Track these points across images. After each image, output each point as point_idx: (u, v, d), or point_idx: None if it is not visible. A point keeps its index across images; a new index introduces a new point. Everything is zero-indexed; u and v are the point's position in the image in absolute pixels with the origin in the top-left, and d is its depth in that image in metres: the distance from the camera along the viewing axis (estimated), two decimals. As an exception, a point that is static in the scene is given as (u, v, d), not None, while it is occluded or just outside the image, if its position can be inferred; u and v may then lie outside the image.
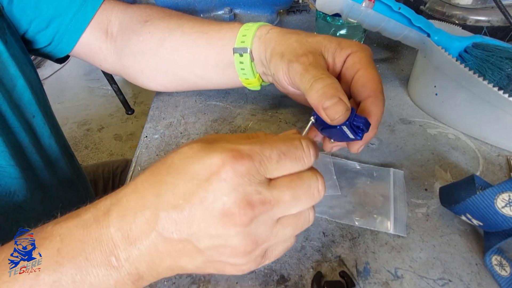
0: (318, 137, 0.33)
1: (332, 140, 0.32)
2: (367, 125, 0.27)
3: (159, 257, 0.22)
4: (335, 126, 0.27)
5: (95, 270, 0.22)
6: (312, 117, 0.29)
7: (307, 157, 0.23)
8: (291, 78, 0.30)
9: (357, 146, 0.30)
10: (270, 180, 0.22)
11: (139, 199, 0.22)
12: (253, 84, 0.38)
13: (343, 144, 0.32)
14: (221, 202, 0.20)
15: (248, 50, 0.35)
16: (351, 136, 0.28)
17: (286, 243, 0.25)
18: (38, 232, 0.23)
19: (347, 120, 0.27)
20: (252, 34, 0.35)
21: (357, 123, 0.27)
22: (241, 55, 0.35)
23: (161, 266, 0.22)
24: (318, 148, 0.24)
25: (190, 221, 0.21)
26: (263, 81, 0.38)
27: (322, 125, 0.28)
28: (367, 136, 0.30)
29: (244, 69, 0.36)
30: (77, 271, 0.22)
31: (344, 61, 0.31)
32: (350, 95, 0.31)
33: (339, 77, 0.32)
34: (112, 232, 0.22)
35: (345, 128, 0.27)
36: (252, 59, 0.35)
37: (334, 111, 0.25)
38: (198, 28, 0.39)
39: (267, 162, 0.21)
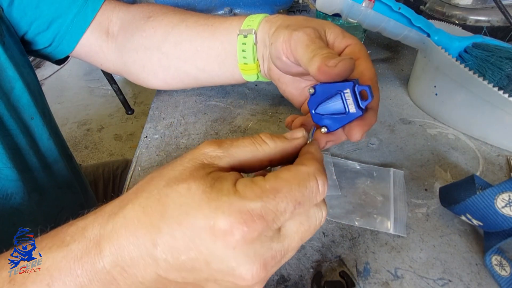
0: (324, 141, 0.29)
1: (326, 129, 0.27)
2: (372, 94, 0.24)
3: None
4: (334, 94, 0.24)
5: None
6: (323, 127, 0.26)
7: (322, 195, 0.21)
8: (292, 46, 0.29)
9: (358, 131, 0.26)
10: (280, 228, 0.20)
11: (133, 240, 0.20)
12: (251, 72, 0.38)
13: (338, 137, 0.28)
14: (232, 269, 0.19)
15: (253, 31, 0.35)
16: (352, 109, 0.24)
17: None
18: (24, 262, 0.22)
19: (350, 81, 0.24)
20: (260, 19, 0.36)
21: (362, 86, 0.24)
22: (245, 37, 0.35)
23: None
24: (325, 175, 0.22)
25: (197, 279, 0.20)
26: (260, 71, 0.38)
27: (317, 104, 0.26)
28: (368, 120, 0.26)
29: (245, 50, 0.36)
30: None
31: (343, 50, 0.31)
32: None
33: None
34: (108, 267, 0.20)
35: (347, 95, 0.24)
36: (255, 42, 0.35)
37: (341, 63, 0.24)
38: (202, 21, 0.40)
39: (281, 216, 0.19)
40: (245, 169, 0.23)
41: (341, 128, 0.27)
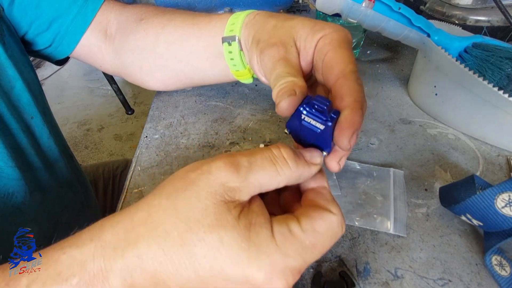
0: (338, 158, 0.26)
1: (325, 152, 0.25)
2: (334, 110, 0.22)
3: None
4: (299, 124, 0.23)
5: None
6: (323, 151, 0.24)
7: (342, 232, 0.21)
8: (263, 69, 0.28)
9: (344, 137, 0.21)
10: None
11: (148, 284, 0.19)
12: (244, 77, 0.37)
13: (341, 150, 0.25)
14: None
15: (237, 38, 0.33)
16: (320, 126, 0.22)
17: None
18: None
19: (301, 104, 0.22)
20: (241, 21, 0.34)
21: (317, 102, 0.22)
22: (229, 44, 0.34)
23: None
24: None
25: None
26: (254, 73, 0.37)
27: (300, 139, 0.24)
28: (349, 122, 0.22)
29: (233, 59, 0.35)
30: None
31: (315, 46, 0.27)
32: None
33: (312, 65, 0.29)
34: None
35: (307, 119, 0.22)
36: (240, 48, 0.34)
37: (283, 100, 0.22)
38: (189, 20, 0.39)
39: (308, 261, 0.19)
40: (262, 191, 0.21)
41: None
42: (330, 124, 0.22)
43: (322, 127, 0.22)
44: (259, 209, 0.20)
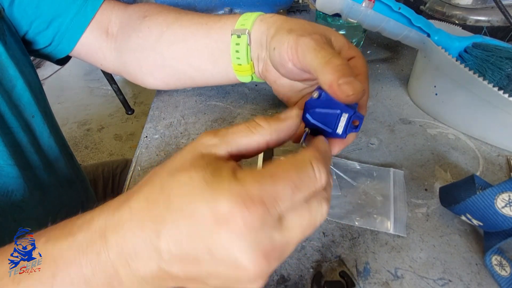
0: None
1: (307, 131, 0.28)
2: (360, 125, 0.26)
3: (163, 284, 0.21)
4: (334, 109, 0.25)
5: None
6: (305, 128, 0.27)
7: (319, 184, 0.21)
8: (299, 52, 0.28)
9: (338, 148, 0.28)
10: (280, 217, 0.20)
11: (138, 231, 0.20)
12: (245, 73, 0.37)
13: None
14: (234, 257, 0.19)
15: (247, 31, 0.34)
16: (339, 131, 0.26)
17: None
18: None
19: (353, 109, 0.25)
20: (254, 18, 0.35)
21: (359, 116, 0.26)
22: (238, 37, 0.35)
23: None
24: (328, 165, 0.23)
25: (198, 271, 0.20)
26: (254, 72, 0.38)
27: (315, 107, 0.27)
28: (348, 141, 0.29)
29: (239, 51, 0.35)
30: None
31: (347, 61, 0.30)
32: None
33: None
34: (112, 258, 0.21)
35: (343, 118, 0.26)
36: (249, 42, 0.35)
37: (349, 87, 0.24)
38: (196, 20, 0.39)
39: (280, 202, 0.19)
40: (244, 155, 0.23)
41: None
42: (344, 137, 0.26)
43: (340, 132, 0.26)
44: (231, 163, 0.21)
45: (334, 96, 0.25)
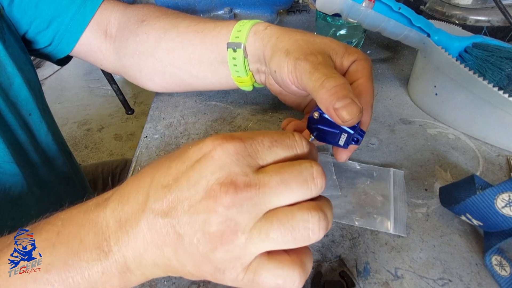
0: None
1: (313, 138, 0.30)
2: (361, 140, 0.28)
3: (144, 246, 0.21)
4: (334, 129, 0.26)
5: (87, 254, 0.21)
6: (311, 135, 0.28)
7: (300, 147, 0.22)
8: (298, 77, 0.29)
9: (345, 156, 0.30)
10: (260, 167, 0.21)
11: (136, 182, 0.22)
12: (245, 83, 0.38)
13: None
14: (206, 180, 0.20)
15: (242, 45, 0.34)
16: (341, 143, 0.27)
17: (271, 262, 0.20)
18: (45, 218, 0.24)
19: (353, 128, 0.26)
20: (247, 29, 0.34)
21: (360, 135, 0.27)
22: (234, 51, 0.35)
23: (146, 257, 0.21)
24: (313, 144, 0.24)
25: (176, 201, 0.20)
26: (255, 81, 0.38)
27: (318, 125, 0.28)
28: (352, 149, 0.30)
29: (236, 65, 0.36)
30: (70, 253, 0.22)
31: (349, 67, 0.30)
32: None
33: None
34: (108, 215, 0.22)
35: (343, 136, 0.27)
36: (245, 55, 0.35)
37: (346, 112, 0.24)
38: (193, 27, 0.39)
39: (258, 146, 0.21)
40: None
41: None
42: (346, 147, 0.28)
43: (341, 144, 0.28)
44: None
45: (332, 120, 0.26)
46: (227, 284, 0.21)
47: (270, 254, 0.20)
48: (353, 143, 0.28)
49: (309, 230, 0.20)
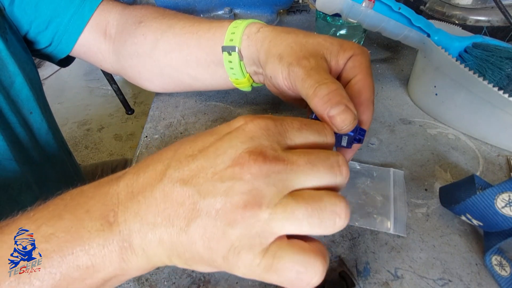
0: None
1: None
2: (363, 139, 0.28)
3: (154, 218, 0.20)
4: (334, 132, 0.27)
5: (91, 224, 0.20)
6: None
7: (328, 133, 0.23)
8: (292, 83, 0.29)
9: (349, 155, 0.31)
10: (288, 148, 0.21)
11: (157, 156, 0.22)
12: (243, 85, 0.37)
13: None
14: (235, 149, 0.19)
15: (237, 49, 0.33)
16: (343, 143, 0.27)
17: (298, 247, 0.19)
18: (61, 194, 0.24)
19: (353, 131, 0.26)
20: (241, 31, 0.34)
21: (360, 135, 0.27)
22: (229, 54, 0.34)
23: (153, 231, 0.20)
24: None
25: (199, 169, 0.19)
26: (254, 81, 0.38)
27: None
28: (356, 148, 0.31)
29: (233, 68, 0.35)
30: (74, 222, 0.21)
31: (345, 64, 0.29)
32: None
33: (337, 79, 0.31)
34: (121, 187, 0.21)
35: (344, 138, 0.27)
36: (241, 58, 0.34)
37: (341, 119, 0.24)
38: (188, 28, 0.39)
39: (288, 126, 0.21)
40: None
41: None
42: (350, 147, 0.28)
43: (344, 144, 0.28)
44: None
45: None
46: (237, 273, 0.19)
47: (290, 239, 0.19)
48: (355, 142, 0.28)
49: (336, 215, 0.19)
